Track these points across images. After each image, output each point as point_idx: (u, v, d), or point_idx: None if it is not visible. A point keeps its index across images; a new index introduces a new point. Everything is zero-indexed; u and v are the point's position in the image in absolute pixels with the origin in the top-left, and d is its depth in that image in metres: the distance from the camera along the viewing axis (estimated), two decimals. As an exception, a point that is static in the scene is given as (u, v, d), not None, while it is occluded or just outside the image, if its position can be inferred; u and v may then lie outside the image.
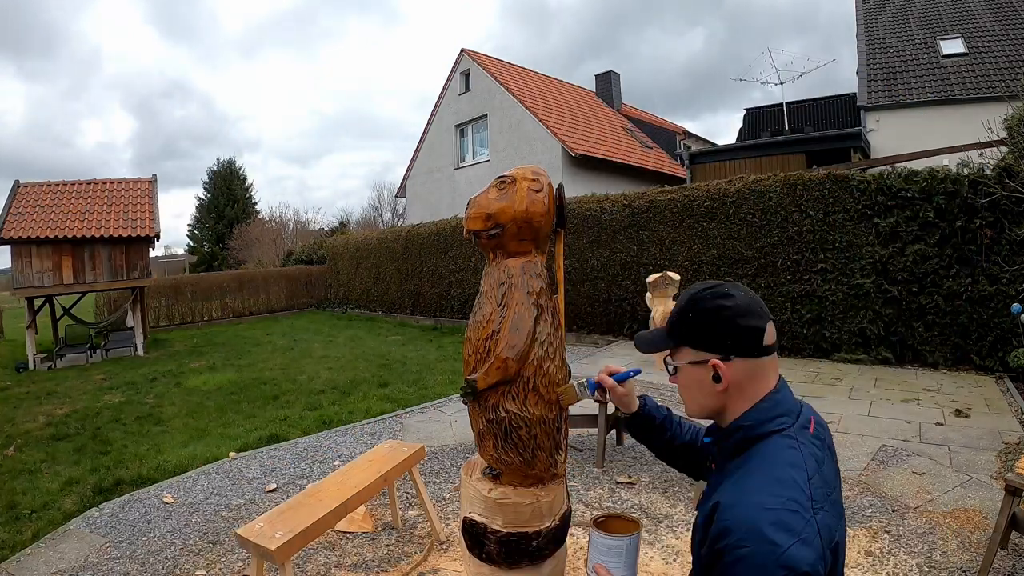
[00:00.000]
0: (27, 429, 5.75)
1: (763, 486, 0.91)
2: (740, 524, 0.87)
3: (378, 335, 11.42)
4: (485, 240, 1.81)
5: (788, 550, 0.83)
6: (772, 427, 0.99)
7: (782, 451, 0.97)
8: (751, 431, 1.00)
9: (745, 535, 0.86)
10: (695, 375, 1.05)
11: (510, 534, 1.76)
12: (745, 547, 0.85)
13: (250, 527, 2.28)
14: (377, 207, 33.97)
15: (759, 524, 0.85)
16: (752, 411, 1.01)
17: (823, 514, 0.90)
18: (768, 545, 0.83)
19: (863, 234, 6.67)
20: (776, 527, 0.85)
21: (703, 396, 1.06)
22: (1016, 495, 2.40)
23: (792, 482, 0.91)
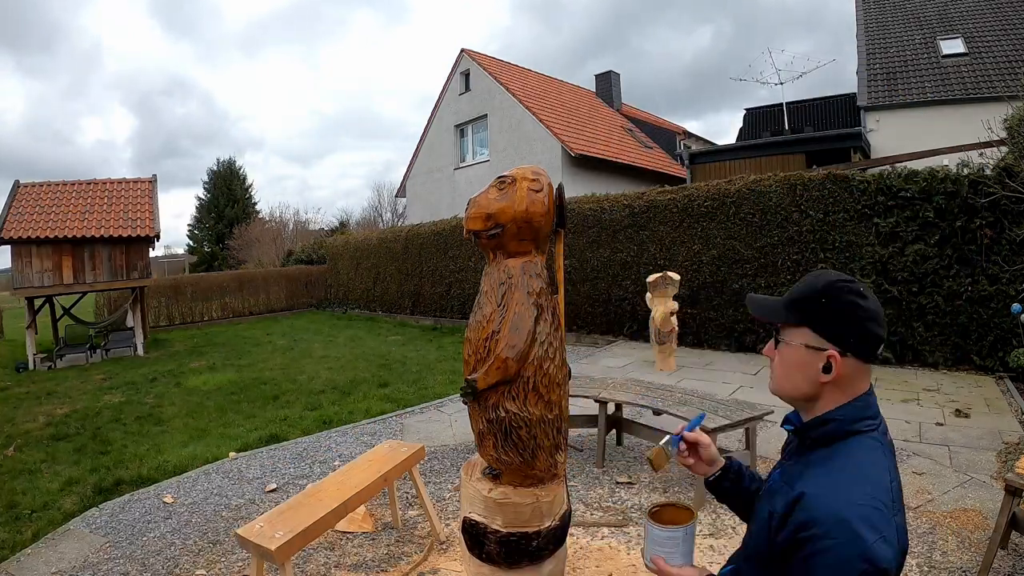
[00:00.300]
0: (27, 429, 5.75)
1: (853, 481, 0.93)
2: (828, 516, 0.89)
3: (378, 335, 11.42)
4: (485, 240, 1.81)
5: (872, 545, 0.85)
6: (863, 427, 1.01)
7: (871, 451, 0.99)
8: (843, 425, 1.01)
9: (832, 527, 0.87)
10: (804, 357, 1.04)
11: (510, 534, 1.76)
12: (832, 539, 0.87)
13: (250, 527, 2.28)
14: (377, 207, 33.99)
15: (847, 518, 0.87)
16: (847, 407, 1.02)
17: (900, 516, 0.94)
18: (855, 538, 0.85)
19: (863, 234, 6.67)
20: (863, 523, 0.87)
21: (803, 380, 1.04)
22: (1016, 495, 2.40)
23: (878, 482, 0.94)
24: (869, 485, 0.93)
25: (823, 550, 0.87)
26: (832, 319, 1.02)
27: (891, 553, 0.87)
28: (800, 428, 1.08)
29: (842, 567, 0.85)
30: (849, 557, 0.85)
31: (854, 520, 0.87)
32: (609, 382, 4.30)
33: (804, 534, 0.90)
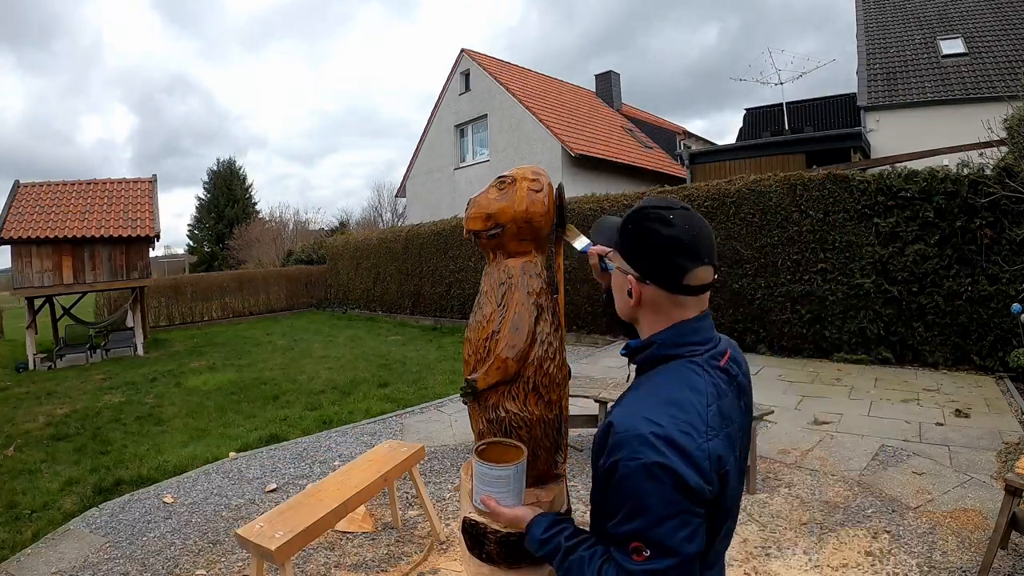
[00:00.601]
0: (27, 429, 5.75)
1: (657, 404, 0.94)
2: (633, 439, 0.90)
3: (378, 335, 11.42)
4: (485, 240, 1.80)
5: (677, 467, 0.86)
6: (681, 351, 1.00)
7: (685, 374, 0.98)
8: (659, 349, 1.02)
9: (638, 450, 0.88)
10: (618, 281, 1.09)
11: (510, 534, 1.76)
12: (637, 459, 0.88)
13: (250, 527, 2.28)
14: (377, 207, 34.01)
15: (647, 439, 0.88)
16: (665, 331, 1.02)
17: (715, 442, 0.92)
18: (659, 457, 0.87)
19: (863, 234, 6.67)
20: (667, 444, 0.88)
21: (621, 302, 1.10)
22: (1016, 495, 2.40)
23: (689, 404, 0.93)
24: (678, 407, 0.92)
25: (633, 471, 0.88)
26: (631, 244, 1.03)
27: (696, 476, 0.87)
28: (628, 355, 1.10)
29: (652, 486, 0.87)
30: (656, 473, 0.86)
31: (654, 440, 0.88)
32: (609, 382, 4.30)
33: (613, 458, 0.91)
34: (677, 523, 0.88)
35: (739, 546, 2.79)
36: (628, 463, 0.89)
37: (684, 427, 0.90)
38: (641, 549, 0.90)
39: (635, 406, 0.95)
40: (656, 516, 0.88)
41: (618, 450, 0.91)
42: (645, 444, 0.88)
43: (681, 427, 0.90)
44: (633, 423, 0.91)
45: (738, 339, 7.75)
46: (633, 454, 0.89)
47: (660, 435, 0.88)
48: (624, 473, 0.90)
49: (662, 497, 0.87)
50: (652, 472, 0.87)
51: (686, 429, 0.90)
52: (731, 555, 2.71)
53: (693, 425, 0.91)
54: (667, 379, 0.99)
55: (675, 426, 0.90)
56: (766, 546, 2.82)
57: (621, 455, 0.90)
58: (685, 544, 0.89)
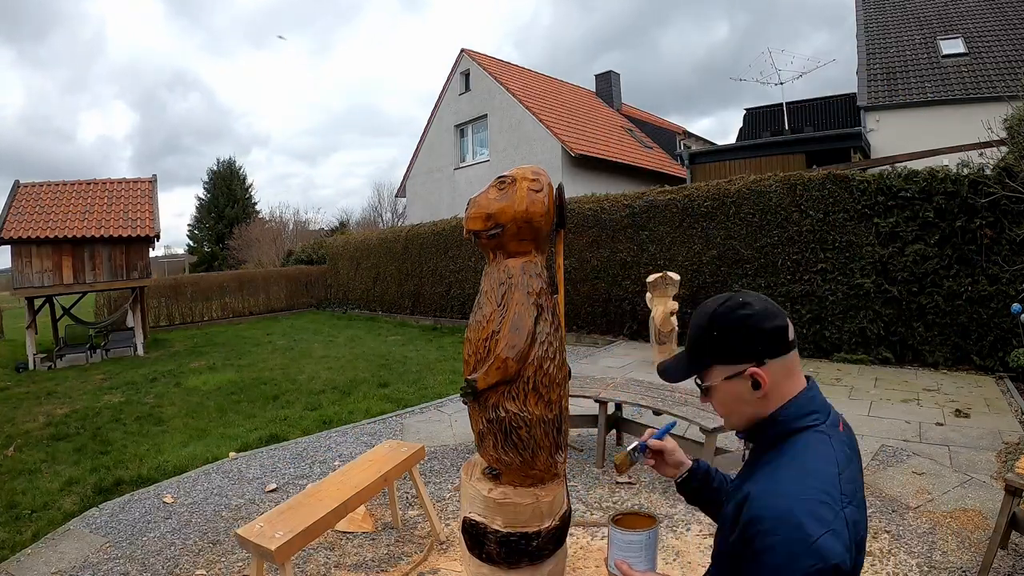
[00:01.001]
0: (27, 429, 5.75)
1: (796, 477, 0.93)
2: (772, 513, 0.88)
3: (378, 335, 11.42)
4: (485, 240, 1.81)
5: (819, 539, 0.84)
6: (806, 422, 1.01)
7: (815, 445, 0.98)
8: (786, 425, 1.01)
9: (777, 524, 0.87)
10: (733, 390, 1.05)
11: (510, 534, 1.76)
12: (777, 535, 0.86)
13: (250, 527, 2.28)
14: (377, 207, 34.02)
15: (791, 513, 0.87)
16: (787, 406, 1.02)
17: (851, 508, 0.91)
18: (800, 533, 0.85)
19: (863, 234, 6.67)
20: (808, 516, 0.86)
21: (745, 407, 1.05)
22: (1016, 495, 2.40)
23: (824, 474, 0.92)
24: (813, 478, 0.92)
25: (769, 547, 0.87)
26: (731, 343, 1.03)
27: (840, 547, 0.85)
28: (749, 434, 1.09)
29: (789, 563, 0.84)
30: (795, 552, 0.84)
31: (797, 514, 0.86)
32: (609, 382, 4.30)
33: (750, 532, 0.90)
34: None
35: (739, 546, 2.80)
36: (765, 538, 0.88)
37: (824, 498, 0.89)
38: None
39: (772, 486, 0.94)
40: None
41: (758, 524, 0.90)
42: (783, 523, 0.87)
43: (821, 498, 0.89)
44: (770, 502, 0.91)
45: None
46: (771, 529, 0.87)
47: (798, 509, 0.87)
48: (760, 548, 0.88)
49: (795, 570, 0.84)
50: (790, 550, 0.85)
51: (825, 499, 0.89)
52: (731, 555, 2.72)
53: (831, 495, 0.90)
54: (798, 452, 0.98)
55: (816, 499, 0.89)
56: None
57: (758, 530, 0.89)
58: None
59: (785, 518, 0.87)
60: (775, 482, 0.94)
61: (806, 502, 0.88)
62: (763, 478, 0.97)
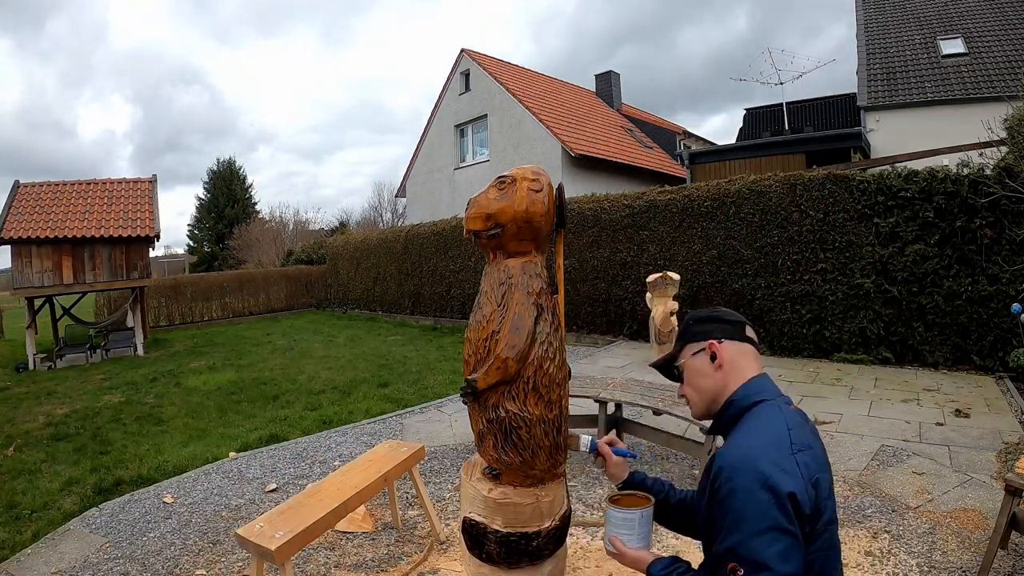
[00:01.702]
0: (27, 429, 5.75)
1: (750, 433, 1.12)
2: (732, 462, 1.06)
3: (378, 335, 11.42)
4: (485, 240, 1.80)
5: (772, 476, 1.00)
6: (758, 398, 1.19)
7: (767, 411, 1.16)
8: (741, 402, 1.20)
9: (736, 470, 1.04)
10: (696, 364, 1.28)
11: (510, 534, 1.76)
12: (737, 479, 1.02)
13: (250, 527, 2.28)
14: (377, 207, 34.03)
15: (748, 460, 1.04)
16: (741, 388, 1.22)
17: (802, 455, 1.06)
18: (756, 473, 1.01)
19: (863, 234, 6.67)
20: (762, 460, 1.03)
21: (706, 380, 1.26)
22: (1016, 495, 2.40)
23: (776, 430, 1.10)
24: (767, 433, 1.10)
25: (731, 490, 1.02)
26: (699, 327, 1.31)
27: (792, 482, 1.00)
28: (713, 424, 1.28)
29: (749, 498, 0.99)
30: (752, 488, 0.99)
31: (752, 458, 1.03)
32: (609, 382, 4.30)
33: (716, 483, 1.06)
34: (768, 539, 0.97)
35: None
36: (728, 483, 1.03)
37: (776, 445, 1.06)
38: (735, 568, 0.98)
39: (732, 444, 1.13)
40: (748, 531, 0.98)
41: (721, 472, 1.06)
42: (742, 467, 1.03)
43: (774, 446, 1.06)
44: (731, 453, 1.08)
45: (738, 339, 7.74)
46: (731, 475, 1.04)
47: (754, 455, 1.04)
48: (724, 494, 1.04)
49: (756, 510, 0.98)
50: (750, 486, 1.00)
51: (777, 447, 1.06)
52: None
53: (782, 443, 1.07)
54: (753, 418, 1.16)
55: (769, 445, 1.06)
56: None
57: (721, 479, 1.05)
58: (778, 561, 0.96)
59: (743, 465, 1.03)
60: (735, 441, 1.13)
61: (760, 448, 1.06)
62: (727, 443, 1.16)
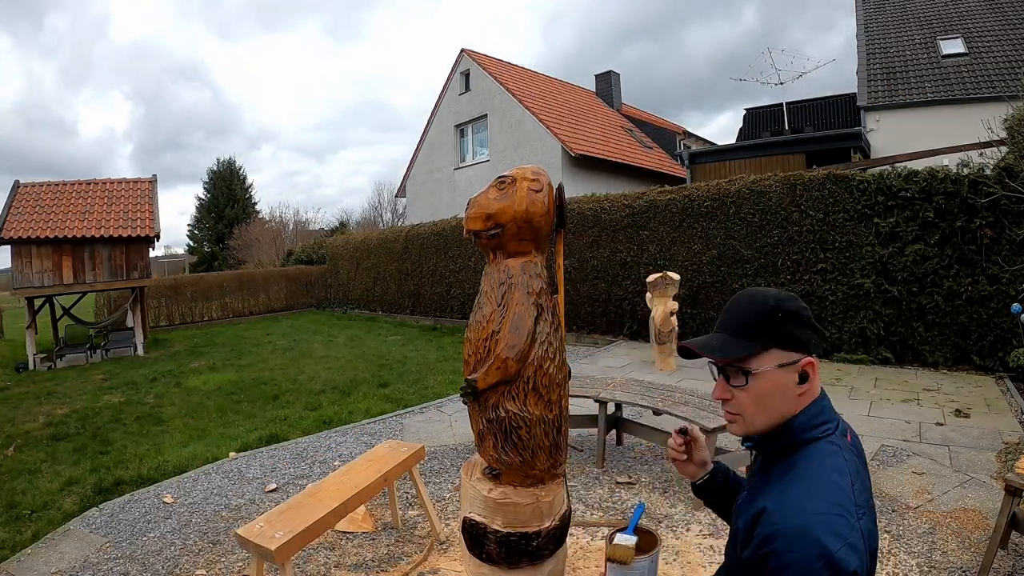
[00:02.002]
0: (27, 429, 5.75)
1: (811, 491, 0.92)
2: (789, 530, 0.87)
3: (378, 335, 11.42)
4: (485, 240, 1.81)
5: (836, 553, 0.83)
6: (818, 433, 1.00)
7: (827, 456, 0.97)
8: (799, 435, 1.00)
9: (794, 540, 0.86)
10: (780, 380, 1.01)
11: (510, 534, 1.76)
12: (795, 552, 0.85)
13: (250, 527, 2.28)
14: (377, 207, 34.01)
15: (809, 529, 0.86)
16: (800, 415, 1.01)
17: (865, 519, 0.91)
18: (818, 549, 0.84)
19: (863, 234, 6.67)
20: (826, 532, 0.85)
21: (783, 402, 1.02)
22: (1016, 495, 2.40)
23: (839, 487, 0.92)
24: (829, 491, 0.91)
25: (787, 564, 0.85)
26: (797, 331, 1.01)
27: (857, 559, 0.85)
28: (760, 443, 1.07)
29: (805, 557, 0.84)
30: (813, 566, 0.83)
31: (815, 528, 0.85)
32: (609, 382, 4.30)
33: (766, 549, 0.89)
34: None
35: (739, 546, 2.80)
36: (782, 556, 0.87)
37: (840, 511, 0.89)
38: None
39: (787, 502, 0.92)
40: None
41: (774, 540, 0.88)
42: (800, 538, 0.86)
43: (837, 511, 0.89)
44: (786, 517, 0.89)
45: (738, 339, 7.74)
46: (788, 546, 0.86)
47: (814, 523, 0.86)
48: (775, 566, 0.87)
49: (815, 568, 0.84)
50: (807, 564, 0.84)
51: (841, 513, 0.89)
52: (731, 555, 2.72)
53: (845, 508, 0.90)
54: (812, 464, 0.97)
55: (832, 512, 0.88)
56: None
57: (774, 547, 0.88)
58: None
59: (803, 534, 0.86)
60: (791, 498, 0.92)
61: (823, 516, 0.87)
62: (777, 493, 0.95)
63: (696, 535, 2.91)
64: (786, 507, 0.91)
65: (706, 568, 2.60)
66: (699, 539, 2.87)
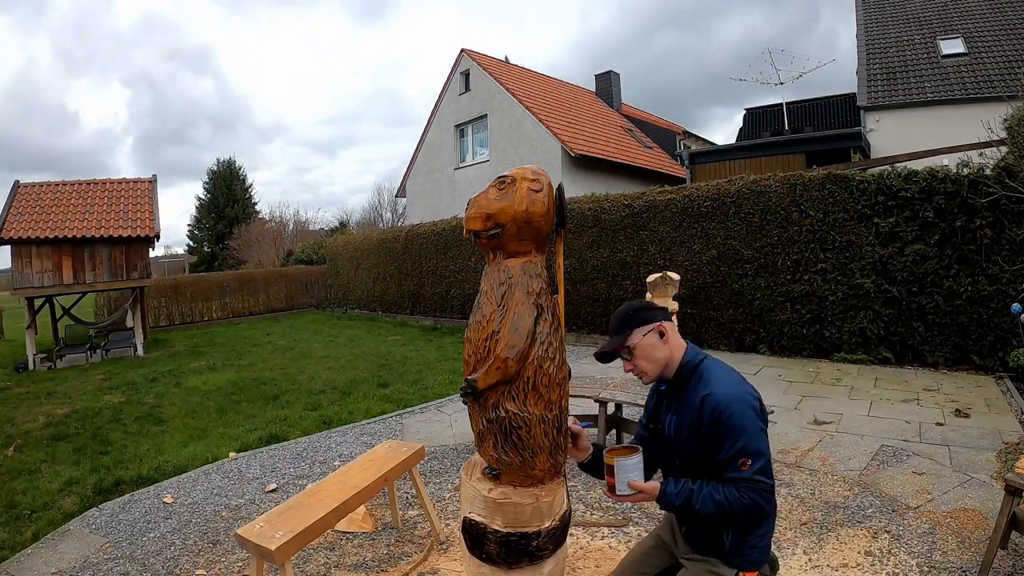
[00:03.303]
0: (27, 429, 5.75)
1: (725, 378, 1.65)
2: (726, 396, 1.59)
3: (378, 335, 11.42)
4: (485, 240, 1.80)
5: (750, 398, 1.61)
6: (701, 356, 1.74)
7: (716, 363, 1.73)
8: (692, 362, 1.72)
9: (733, 401, 1.58)
10: (648, 341, 1.73)
11: (510, 534, 1.76)
12: (736, 405, 1.58)
13: (250, 527, 2.28)
14: (377, 207, 34.03)
15: (735, 392, 1.61)
16: (686, 354, 1.74)
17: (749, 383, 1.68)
18: (745, 399, 1.60)
19: (863, 234, 6.67)
20: (744, 392, 1.62)
21: (659, 353, 1.72)
22: (1016, 495, 2.40)
23: (734, 372, 1.70)
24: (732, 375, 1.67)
25: (733, 413, 1.56)
26: (644, 314, 1.76)
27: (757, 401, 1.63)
28: (674, 380, 1.75)
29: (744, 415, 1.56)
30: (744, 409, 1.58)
31: (739, 391, 1.61)
32: (609, 382, 4.30)
33: (718, 412, 1.56)
34: (761, 436, 1.57)
35: (739, 546, 2.79)
36: (728, 409, 1.56)
37: (742, 380, 1.66)
38: (745, 461, 1.53)
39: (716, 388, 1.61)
40: (749, 435, 1.55)
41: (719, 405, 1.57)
42: (735, 398, 1.58)
43: (741, 381, 1.66)
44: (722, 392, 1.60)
45: (738, 339, 7.75)
46: (731, 401, 1.57)
47: (740, 386, 1.63)
48: (727, 416, 1.55)
49: (750, 423, 1.56)
50: (744, 409, 1.57)
51: (743, 381, 1.66)
52: (731, 555, 2.72)
53: (744, 380, 1.67)
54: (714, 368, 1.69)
55: (742, 384, 1.65)
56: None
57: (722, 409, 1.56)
58: (767, 448, 1.57)
59: (735, 395, 1.60)
60: (718, 384, 1.63)
61: (740, 385, 1.64)
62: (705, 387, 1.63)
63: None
64: (719, 389, 1.61)
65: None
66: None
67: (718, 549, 1.68)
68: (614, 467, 1.63)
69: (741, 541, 1.63)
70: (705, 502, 1.57)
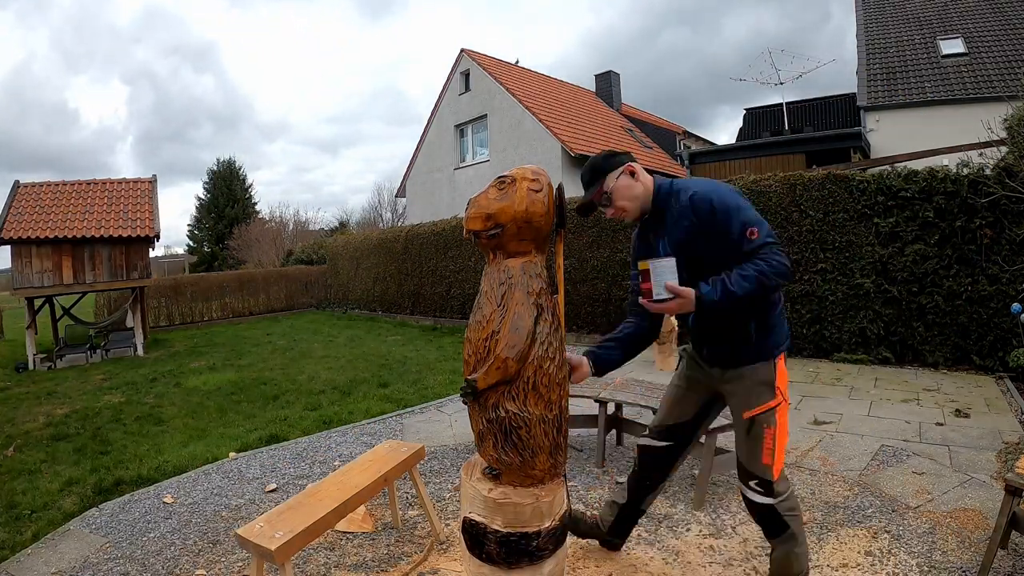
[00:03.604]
0: (27, 429, 5.75)
1: (698, 180, 1.91)
2: (705, 190, 1.86)
3: (378, 335, 11.42)
4: (485, 240, 1.81)
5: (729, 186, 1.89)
6: (670, 180, 1.97)
7: (684, 181, 1.95)
8: (664, 185, 1.96)
9: (713, 190, 1.86)
10: (622, 182, 1.93)
11: (510, 534, 1.76)
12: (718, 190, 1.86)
13: (250, 527, 2.28)
14: (377, 207, 34.03)
15: (715, 186, 1.88)
16: (660, 186, 1.96)
17: None
18: (722, 185, 1.88)
19: (863, 234, 6.67)
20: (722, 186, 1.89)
21: (635, 190, 1.93)
22: (1016, 495, 2.40)
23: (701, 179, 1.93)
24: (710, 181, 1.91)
25: (721, 196, 1.81)
26: (611, 161, 1.96)
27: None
28: (653, 208, 1.96)
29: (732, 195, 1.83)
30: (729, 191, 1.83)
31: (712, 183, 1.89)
32: (609, 382, 4.30)
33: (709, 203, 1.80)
34: (751, 207, 1.79)
35: (739, 546, 2.79)
36: (715, 195, 1.81)
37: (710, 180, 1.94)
38: (752, 230, 1.72)
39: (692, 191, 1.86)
40: (746, 208, 1.77)
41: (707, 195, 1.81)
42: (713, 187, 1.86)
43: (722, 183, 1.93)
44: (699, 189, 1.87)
45: (738, 339, 7.74)
46: (714, 189, 1.85)
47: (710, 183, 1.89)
48: (717, 203, 1.79)
49: (740, 201, 1.79)
50: (727, 190, 1.83)
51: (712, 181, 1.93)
52: (731, 555, 2.72)
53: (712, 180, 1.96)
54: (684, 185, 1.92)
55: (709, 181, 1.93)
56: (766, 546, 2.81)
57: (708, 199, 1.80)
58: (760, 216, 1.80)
59: (712, 187, 1.86)
60: (698, 184, 1.88)
61: (720, 183, 1.90)
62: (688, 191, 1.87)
63: (696, 535, 2.91)
64: (699, 186, 1.87)
65: (706, 568, 2.61)
66: (699, 539, 2.87)
67: (746, 345, 1.85)
68: (649, 271, 1.72)
69: (766, 325, 1.82)
70: (739, 283, 1.66)
